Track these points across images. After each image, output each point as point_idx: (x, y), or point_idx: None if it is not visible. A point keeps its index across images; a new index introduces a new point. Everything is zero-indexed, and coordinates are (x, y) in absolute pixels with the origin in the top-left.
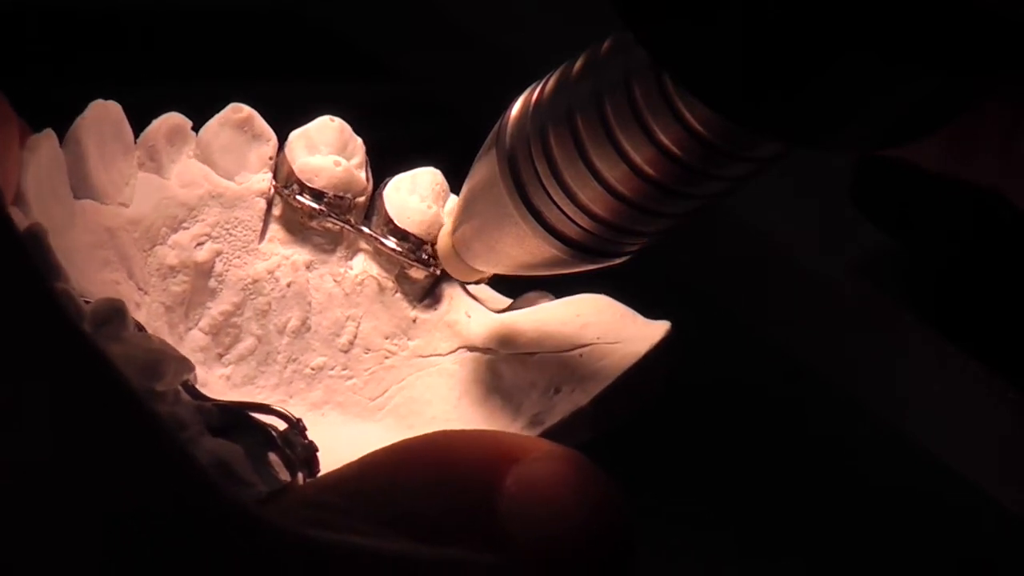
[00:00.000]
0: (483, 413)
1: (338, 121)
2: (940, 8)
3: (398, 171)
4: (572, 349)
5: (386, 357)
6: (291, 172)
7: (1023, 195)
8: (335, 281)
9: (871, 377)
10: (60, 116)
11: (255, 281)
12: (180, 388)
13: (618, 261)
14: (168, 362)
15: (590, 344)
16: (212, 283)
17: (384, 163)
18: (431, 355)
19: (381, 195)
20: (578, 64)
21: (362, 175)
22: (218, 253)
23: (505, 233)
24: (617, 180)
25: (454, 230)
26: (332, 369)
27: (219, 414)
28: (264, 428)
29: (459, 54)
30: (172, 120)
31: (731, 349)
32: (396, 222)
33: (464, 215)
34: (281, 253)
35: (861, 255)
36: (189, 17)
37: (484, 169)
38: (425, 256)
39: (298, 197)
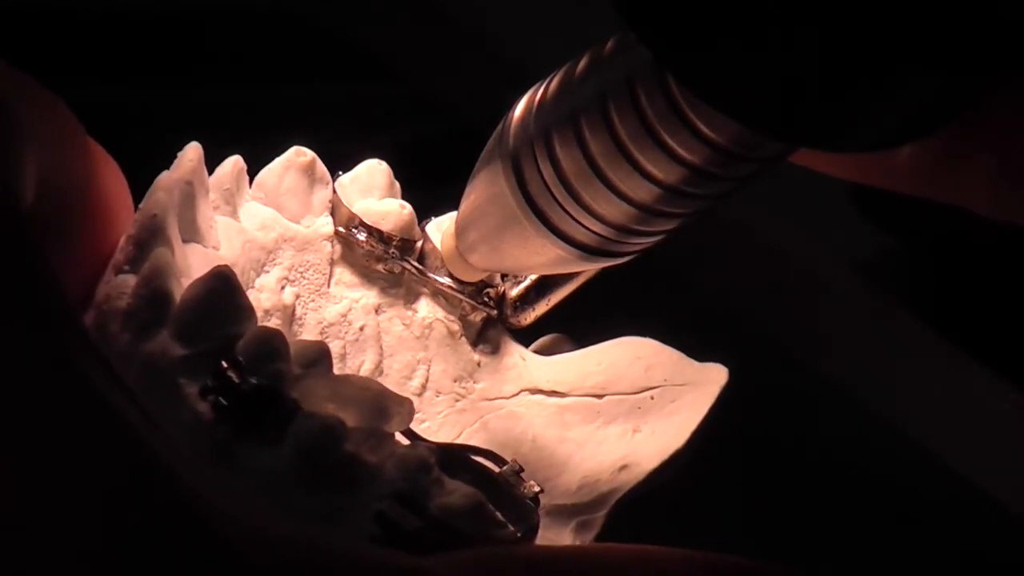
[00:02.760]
0: (563, 455)
1: (384, 164)
2: (940, 8)
3: (399, 171)
4: (640, 392)
5: (456, 400)
6: (351, 215)
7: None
8: (404, 325)
9: (871, 377)
10: None
11: (331, 324)
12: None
13: (621, 261)
14: (396, 403)
15: (658, 387)
16: (295, 327)
17: (385, 163)
18: (496, 398)
19: (427, 236)
20: (581, 64)
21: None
22: (297, 296)
23: (508, 233)
24: (620, 180)
25: (458, 230)
26: None
27: (438, 455)
28: (487, 470)
29: (459, 54)
30: (239, 162)
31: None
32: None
33: (468, 215)
34: (350, 297)
35: (861, 255)
36: (189, 18)
37: (488, 170)
38: (487, 299)
39: (370, 241)
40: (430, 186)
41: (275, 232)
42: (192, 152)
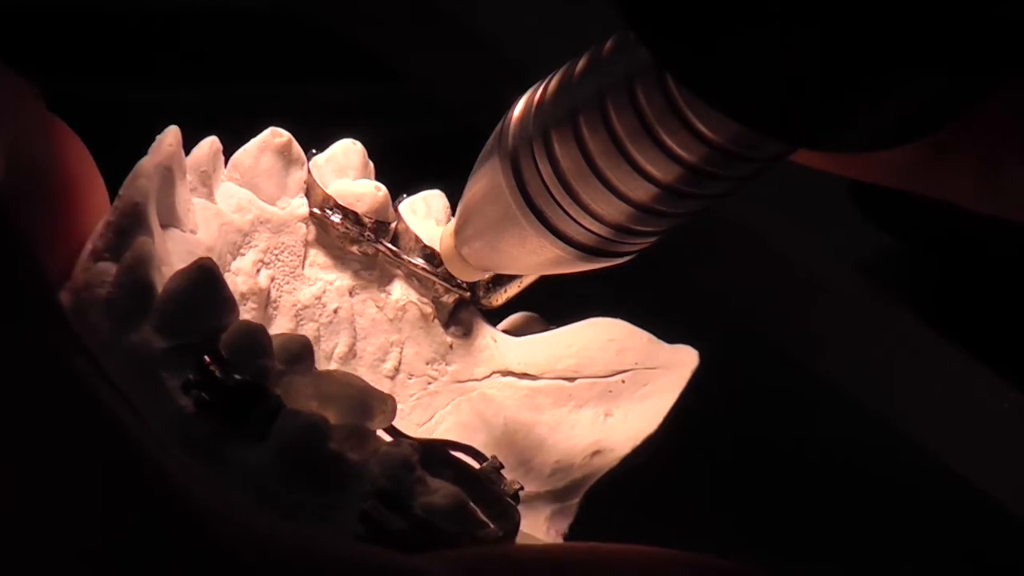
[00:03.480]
0: (535, 438)
1: (359, 144)
2: (940, 8)
3: (399, 172)
4: (612, 375)
5: (429, 383)
6: (325, 196)
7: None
8: (377, 307)
9: (871, 377)
10: (59, 116)
11: (305, 307)
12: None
13: (619, 261)
14: (379, 401)
15: (630, 370)
16: (270, 310)
17: (385, 163)
18: (468, 380)
19: (399, 216)
20: (580, 64)
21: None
22: (272, 279)
23: (507, 233)
24: (619, 180)
25: (456, 230)
26: None
27: (421, 452)
28: (467, 466)
29: (459, 54)
30: (215, 143)
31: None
32: (435, 248)
33: (466, 215)
34: (324, 279)
35: (862, 255)
36: (189, 17)
37: (487, 169)
38: (459, 281)
39: (345, 223)
40: (430, 186)
41: (251, 214)
42: (171, 136)
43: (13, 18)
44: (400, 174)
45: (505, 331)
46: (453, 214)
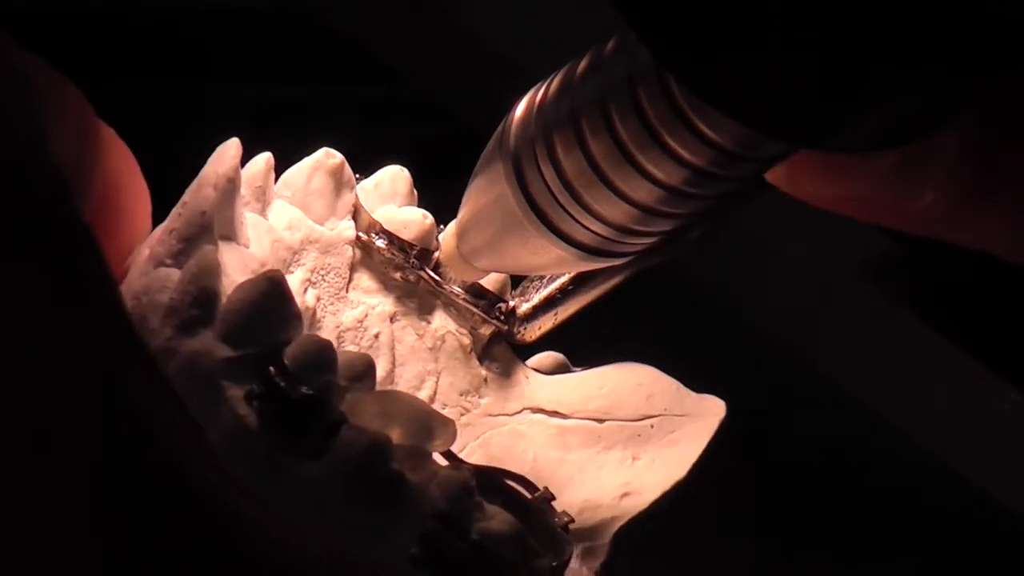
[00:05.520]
0: (563, 476)
1: (405, 171)
2: (940, 8)
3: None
4: (641, 419)
5: (462, 414)
6: (372, 222)
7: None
8: (417, 335)
9: (871, 377)
10: None
11: (347, 329)
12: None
13: (620, 261)
14: (441, 423)
15: (658, 415)
16: (313, 329)
17: (385, 163)
18: (499, 415)
19: (441, 246)
20: (582, 65)
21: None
22: (318, 299)
23: (509, 233)
24: (621, 181)
25: (458, 230)
26: None
27: (476, 478)
28: (520, 495)
29: (459, 54)
30: (270, 160)
31: (731, 349)
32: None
33: (468, 215)
34: (367, 303)
35: (864, 256)
36: (188, 17)
37: (488, 170)
38: (498, 314)
39: (391, 249)
40: (430, 186)
41: (301, 233)
42: (233, 148)
43: (13, 18)
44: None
45: (532, 368)
46: (453, 191)
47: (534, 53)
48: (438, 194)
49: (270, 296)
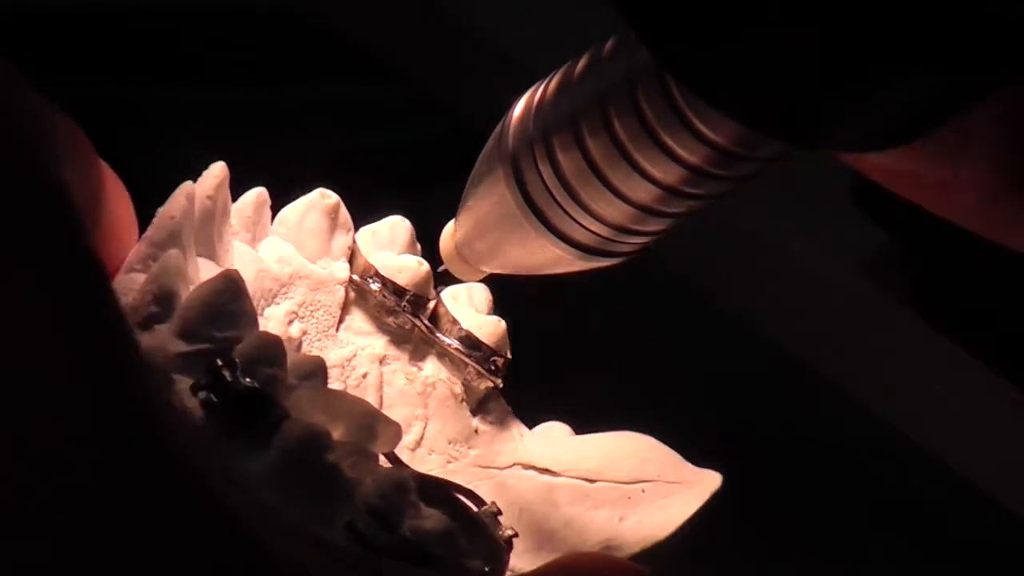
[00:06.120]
0: (548, 531)
1: (407, 222)
2: (940, 7)
3: (398, 171)
4: (634, 482)
5: (448, 461)
6: (367, 266)
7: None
8: (407, 379)
9: (871, 377)
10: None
11: (334, 367)
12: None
13: (618, 260)
14: (384, 424)
15: (651, 480)
16: None
17: (385, 163)
18: (489, 467)
19: (440, 301)
20: (581, 64)
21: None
22: (304, 333)
23: (508, 233)
24: (620, 181)
25: (457, 230)
26: None
27: (420, 483)
28: (465, 506)
29: (459, 54)
30: (263, 194)
31: (731, 349)
32: (472, 333)
33: (467, 215)
34: (357, 343)
35: (862, 254)
36: (189, 17)
37: (487, 170)
38: (493, 368)
39: (384, 292)
40: (429, 186)
41: (291, 267)
42: (218, 169)
43: (13, 18)
44: (399, 174)
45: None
46: (452, 191)
47: (534, 53)
48: (438, 194)
49: (225, 293)
